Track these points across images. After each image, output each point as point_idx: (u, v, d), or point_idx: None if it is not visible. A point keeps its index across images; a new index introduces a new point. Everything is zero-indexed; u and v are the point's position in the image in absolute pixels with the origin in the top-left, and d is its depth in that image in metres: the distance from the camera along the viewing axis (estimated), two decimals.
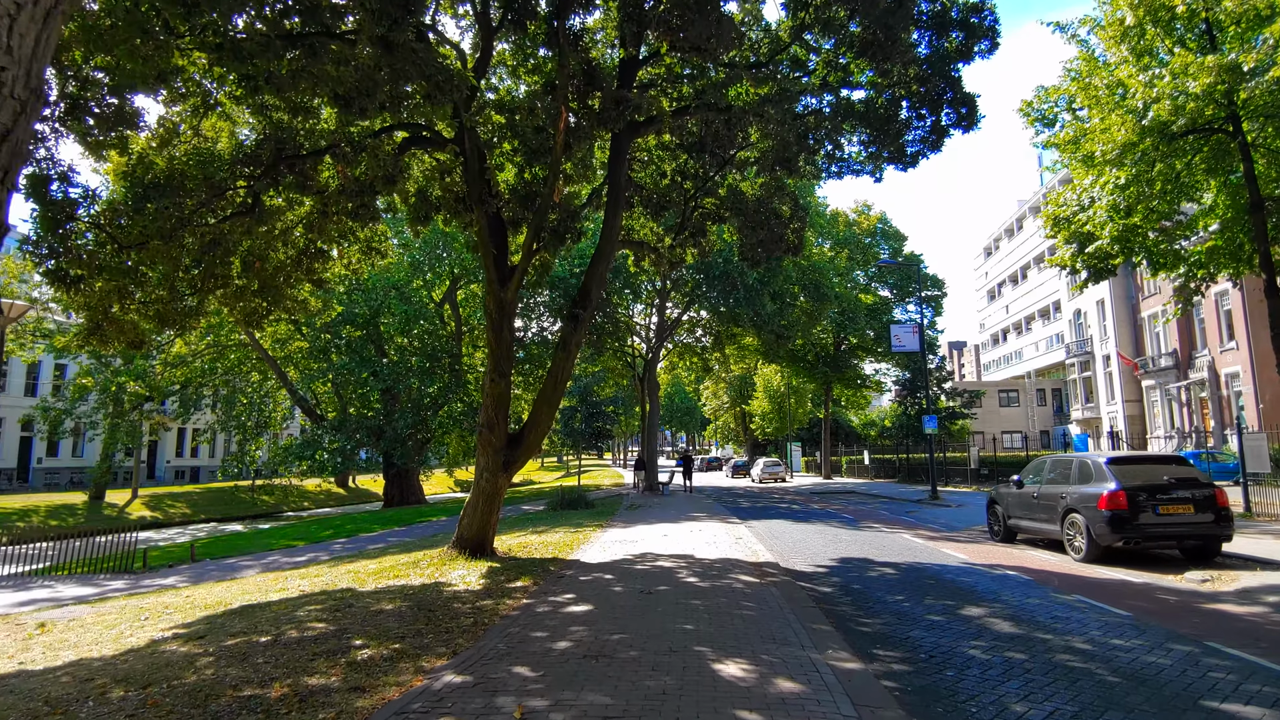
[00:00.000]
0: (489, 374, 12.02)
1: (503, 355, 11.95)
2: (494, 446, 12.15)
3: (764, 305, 29.23)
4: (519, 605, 7.93)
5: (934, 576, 9.97)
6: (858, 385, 48.20)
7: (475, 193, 10.72)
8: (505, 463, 12.32)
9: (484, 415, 12.27)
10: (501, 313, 11.83)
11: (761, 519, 19.19)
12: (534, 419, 12.38)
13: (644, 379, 35.27)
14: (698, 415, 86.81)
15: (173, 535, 32.71)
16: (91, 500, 40.21)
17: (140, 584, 14.78)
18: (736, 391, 64.25)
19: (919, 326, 26.32)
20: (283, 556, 18.03)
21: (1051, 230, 15.13)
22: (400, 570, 11.31)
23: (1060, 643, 6.42)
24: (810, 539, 14.62)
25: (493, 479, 12.29)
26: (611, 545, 13.10)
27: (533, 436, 12.35)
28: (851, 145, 14.43)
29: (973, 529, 16.50)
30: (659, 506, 23.22)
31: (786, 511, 21.98)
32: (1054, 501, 12.29)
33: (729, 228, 17.12)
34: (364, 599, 8.82)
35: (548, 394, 12.18)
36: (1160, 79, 11.67)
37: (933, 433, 24.76)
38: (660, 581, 9.14)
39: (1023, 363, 75.50)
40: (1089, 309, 50.45)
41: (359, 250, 15.72)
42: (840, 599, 8.52)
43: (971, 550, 12.76)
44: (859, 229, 45.15)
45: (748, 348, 44.56)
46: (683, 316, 38.44)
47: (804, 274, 33.48)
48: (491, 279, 11.73)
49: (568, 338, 12.01)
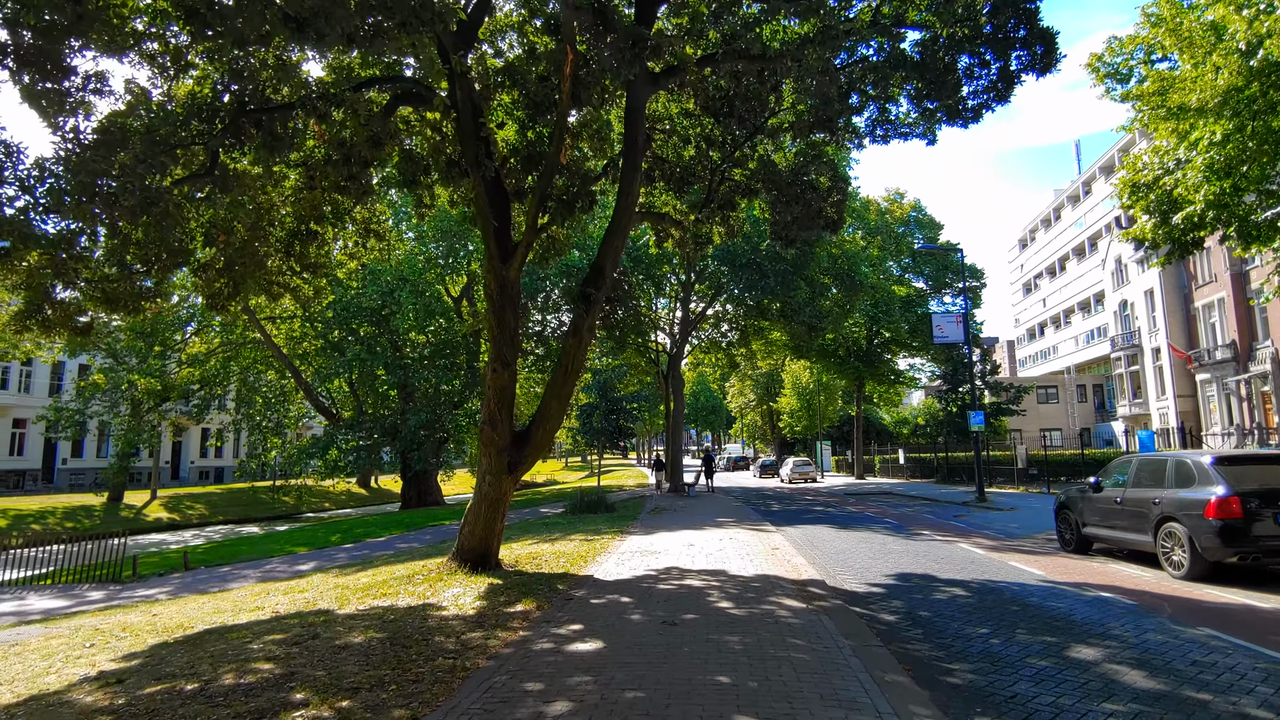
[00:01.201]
0: (490, 363, 10.60)
1: (505, 342, 10.51)
2: (497, 445, 10.73)
3: (797, 291, 27.50)
4: (514, 640, 6.47)
5: (1017, 600, 8.33)
6: (891, 381, 46.20)
7: (470, 153, 9.28)
8: (511, 464, 10.89)
9: (486, 410, 10.85)
10: (504, 293, 10.39)
11: (796, 524, 17.58)
12: (542, 414, 10.93)
13: (668, 376, 33.75)
14: (723, 414, 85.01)
15: (188, 538, 31.91)
16: (110, 502, 39.74)
17: (120, 596, 13.61)
18: (763, 389, 62.44)
19: (963, 315, 24.45)
20: (283, 564, 16.82)
21: (1128, 199, 13.31)
22: (391, 587, 9.93)
23: (1227, 707, 4.79)
24: (855, 549, 13.00)
25: (496, 482, 10.87)
26: (631, 557, 11.61)
27: (541, 434, 10.91)
28: (899, 106, 12.78)
29: (1035, 536, 14.76)
30: (684, 510, 21.69)
31: (823, 515, 20.32)
32: (1144, 508, 10.56)
33: (759, 204, 15.54)
34: (336, 626, 7.43)
35: (558, 385, 10.71)
36: (1271, 13, 9.90)
37: (980, 430, 22.92)
38: (686, 607, 7.62)
39: (1060, 358, 72.66)
40: (1136, 299, 47.91)
41: (356, 234, 14.44)
42: (910, 633, 6.93)
43: (1046, 564, 11.06)
44: (891, 218, 43.17)
45: (775, 343, 42.83)
46: (707, 311, 36.84)
47: (835, 263, 31.69)
48: (492, 254, 10.29)
49: (579, 322, 10.54)
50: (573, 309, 10.84)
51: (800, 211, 14.45)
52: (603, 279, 10.41)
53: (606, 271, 10.47)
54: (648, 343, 36.76)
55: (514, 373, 10.73)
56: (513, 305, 10.56)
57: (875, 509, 22.42)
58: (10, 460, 47.89)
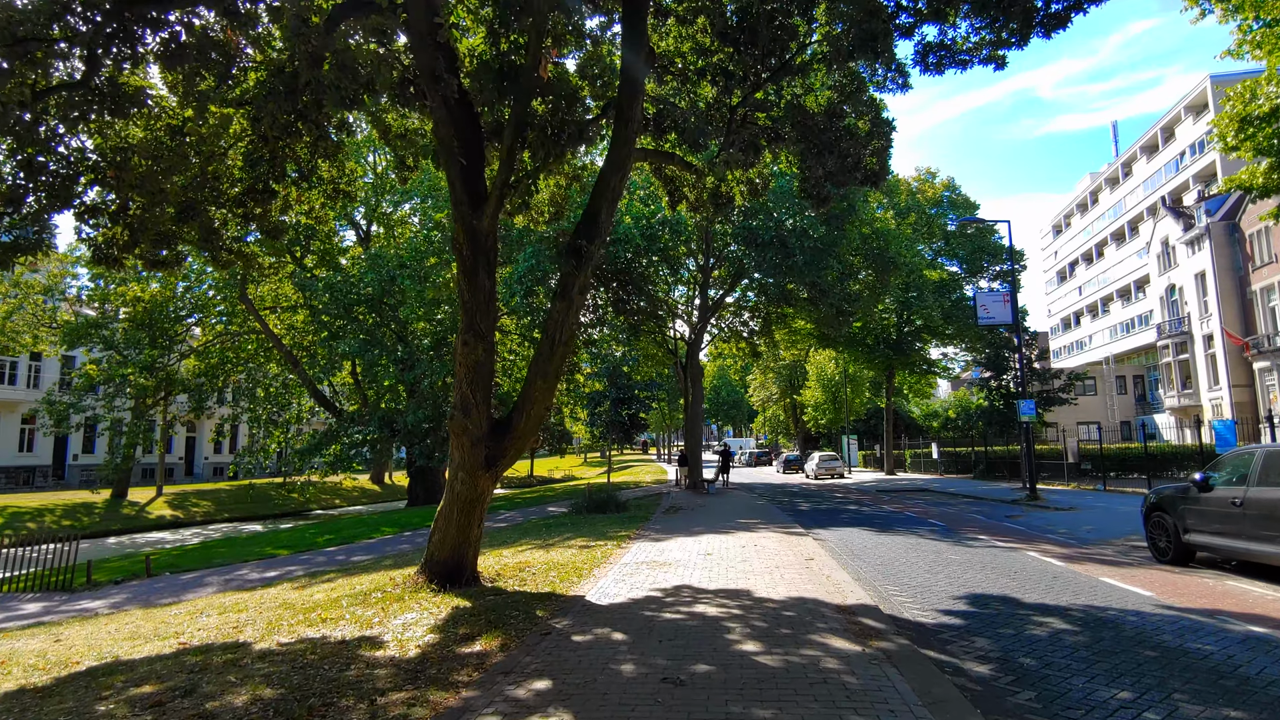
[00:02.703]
0: (460, 335, 8.65)
1: (479, 308, 8.56)
2: (471, 436, 8.80)
3: (827, 269, 25.23)
4: (448, 708, 4.53)
5: (1143, 638, 6.23)
6: (923, 370, 43.71)
7: (425, 65, 7.32)
8: (489, 458, 8.96)
9: (457, 394, 8.91)
10: (476, 248, 8.43)
11: (830, 527, 15.49)
12: (525, 397, 8.98)
13: (686, 366, 31.67)
14: (745, 407, 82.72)
15: (187, 536, 30.55)
16: (113, 498, 38.65)
17: (57, 610, 11.91)
18: (786, 381, 60.07)
19: (1010, 294, 22.11)
20: (254, 570, 15.06)
21: (1234, 137, 11.06)
22: (338, 609, 8.07)
23: None
24: (905, 559, 10.90)
25: (471, 480, 8.94)
26: (635, 570, 9.62)
27: (525, 421, 8.95)
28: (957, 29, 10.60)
29: (1113, 542, 12.57)
30: (702, 509, 19.67)
31: (858, 516, 18.20)
32: (1276, 511, 8.40)
33: (785, 159, 13.44)
34: (229, 675, 5.54)
35: (544, 361, 8.75)
36: None
37: (1031, 420, 20.62)
38: (698, 650, 5.62)
39: (1097, 348, 69.38)
40: (1186, 283, 44.94)
41: (323, 194, 12.59)
42: (1019, 698, 4.87)
43: (1147, 581, 8.91)
44: (923, 197, 40.69)
45: (799, 332, 40.55)
46: (727, 299, 34.64)
47: (867, 242, 29.38)
48: (459, 200, 8.34)
49: (568, 281, 8.56)
50: (561, 268, 8.84)
51: (835, 163, 12.37)
52: (596, 228, 8.41)
53: (601, 219, 8.47)
54: (665, 332, 34.69)
55: (491, 347, 8.78)
56: (487, 263, 8.60)
57: (915, 508, 20.23)
58: (21, 456, 47.06)
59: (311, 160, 11.24)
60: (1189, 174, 54.53)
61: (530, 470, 65.46)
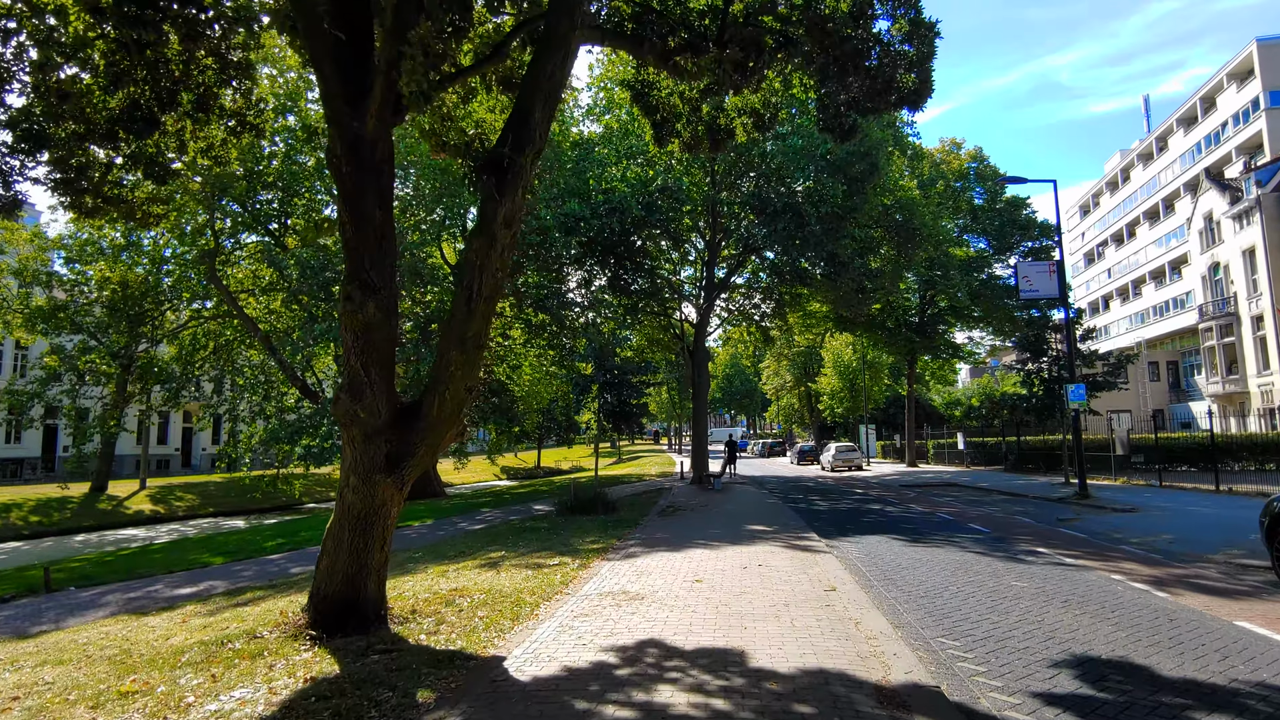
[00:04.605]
0: (343, 288, 6.20)
1: (366, 250, 6.09)
2: (364, 426, 6.38)
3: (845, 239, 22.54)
4: None
5: None
6: (948, 355, 40.88)
7: None
8: (391, 457, 6.52)
9: (345, 370, 6.48)
10: (360, 164, 5.95)
11: (852, 535, 12.95)
12: (439, 372, 6.52)
13: (693, 350, 29.10)
14: (758, 397, 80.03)
15: (161, 533, 28.51)
16: (91, 492, 36.81)
17: None
18: (800, 369, 57.31)
19: (1057, 265, 19.35)
20: (169, 587, 12.73)
21: None
22: (170, 668, 5.74)
23: None
24: (956, 588, 8.34)
25: (367, 487, 6.51)
26: (595, 608, 7.13)
27: (439, 406, 6.49)
28: None
29: (1209, 559, 9.99)
30: (703, 510, 17.17)
31: (883, 519, 15.64)
32: None
33: (799, 82, 10.84)
34: None
35: (460, 321, 6.27)
36: None
37: (1082, 407, 17.92)
38: None
39: (1125, 334, 66.02)
40: (1232, 260, 41.79)
41: (224, 128, 10.18)
42: None
43: None
44: (948, 168, 37.75)
45: (815, 314, 37.84)
46: (735, 279, 31.95)
47: (889, 213, 26.59)
48: (333, 93, 5.87)
49: (490, 210, 6.05)
50: (479, 189, 6.32)
51: (862, 85, 9.85)
52: (528, 132, 5.90)
53: (535, 120, 5.96)
54: (670, 315, 32.10)
55: (389, 305, 6.31)
56: (377, 186, 6.12)
57: (949, 508, 17.61)
58: (7, 448, 45.43)
59: (209, 83, 8.89)
60: (1231, 145, 51.09)
61: (537, 461, 63.32)
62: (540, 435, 54.65)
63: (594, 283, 27.39)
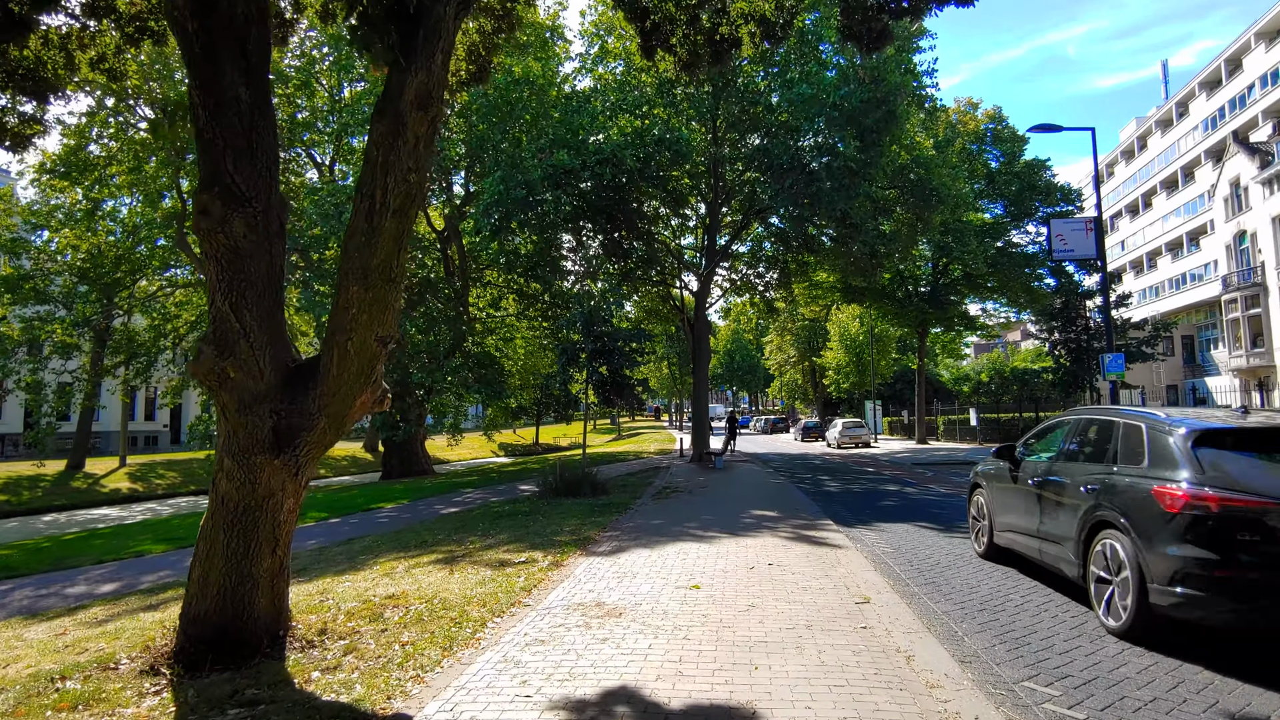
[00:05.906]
0: (197, 197, 4.44)
1: (229, 142, 4.32)
2: (241, 391, 4.65)
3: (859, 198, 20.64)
4: None
5: None
6: (961, 327, 39.06)
7: None
8: (281, 432, 4.80)
9: (211, 314, 4.74)
10: (208, 9, 4.16)
11: (873, 523, 11.26)
12: (340, 317, 4.78)
13: (693, 321, 27.35)
14: (760, 372, 78.27)
15: (136, 512, 26.93)
16: (67, 469, 35.37)
17: None
18: (805, 343, 55.52)
19: (1094, 222, 17.49)
20: (86, 582, 11.09)
21: None
22: None
23: None
24: (1026, 598, 6.63)
25: (245, 472, 4.80)
26: (558, 628, 5.44)
27: (341, 362, 4.76)
28: None
29: None
30: (702, 492, 15.52)
31: (904, 502, 13.97)
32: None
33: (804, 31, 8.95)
34: None
35: (361, 244, 4.52)
36: None
37: (1119, 378, 16.18)
38: None
39: (1142, 306, 63.99)
40: (1260, 228, 39.74)
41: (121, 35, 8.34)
42: None
43: None
44: (964, 129, 35.62)
45: (822, 285, 36.01)
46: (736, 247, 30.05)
47: (904, 173, 24.63)
48: None
49: (396, 81, 4.27)
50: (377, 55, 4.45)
51: None
52: None
53: None
54: (670, 285, 30.24)
55: (265, 224, 4.56)
56: (240, 49, 4.32)
57: None
58: None
59: None
60: (1258, 109, 48.66)
61: (535, 438, 61.73)
62: (539, 411, 52.94)
63: (589, 246, 25.51)
